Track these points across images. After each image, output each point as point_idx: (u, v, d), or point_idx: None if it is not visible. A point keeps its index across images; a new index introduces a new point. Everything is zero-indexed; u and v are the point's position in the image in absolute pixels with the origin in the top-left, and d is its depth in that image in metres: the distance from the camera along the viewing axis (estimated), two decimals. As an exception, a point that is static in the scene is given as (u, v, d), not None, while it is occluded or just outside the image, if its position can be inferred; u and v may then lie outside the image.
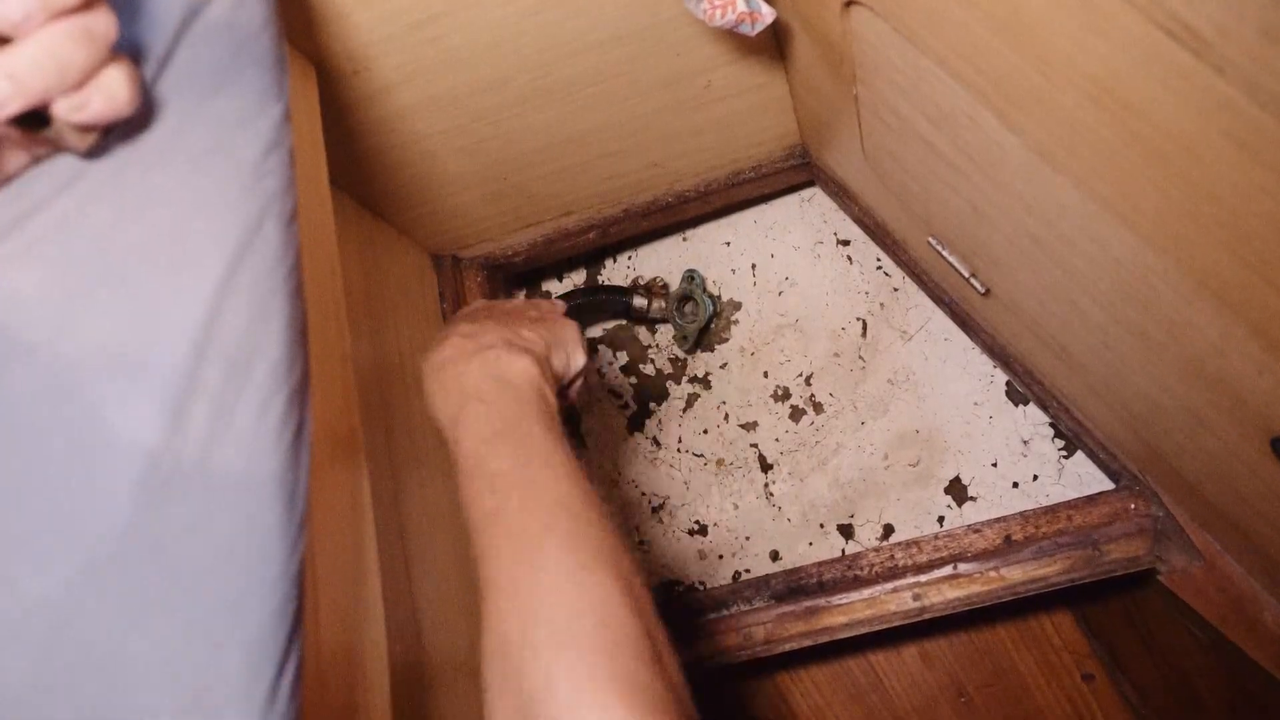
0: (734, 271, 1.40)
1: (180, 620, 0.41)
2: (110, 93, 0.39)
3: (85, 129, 0.41)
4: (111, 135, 0.44)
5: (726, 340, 1.40)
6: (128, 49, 0.43)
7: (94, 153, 0.43)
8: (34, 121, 0.39)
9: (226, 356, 0.44)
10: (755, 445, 1.36)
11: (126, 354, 0.42)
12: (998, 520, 1.02)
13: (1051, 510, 1.01)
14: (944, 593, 0.99)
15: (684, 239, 1.42)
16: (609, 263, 1.46)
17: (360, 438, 0.68)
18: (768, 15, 0.73)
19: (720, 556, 1.34)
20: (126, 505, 0.41)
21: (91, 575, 0.40)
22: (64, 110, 0.39)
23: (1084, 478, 1.20)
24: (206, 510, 0.43)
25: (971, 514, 1.25)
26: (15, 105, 0.37)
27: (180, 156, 0.46)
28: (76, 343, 0.42)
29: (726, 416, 1.38)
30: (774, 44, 0.93)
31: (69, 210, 0.43)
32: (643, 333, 1.44)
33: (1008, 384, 1.26)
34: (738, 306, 1.39)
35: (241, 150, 0.48)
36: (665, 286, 1.41)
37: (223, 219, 0.46)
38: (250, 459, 0.44)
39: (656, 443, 1.40)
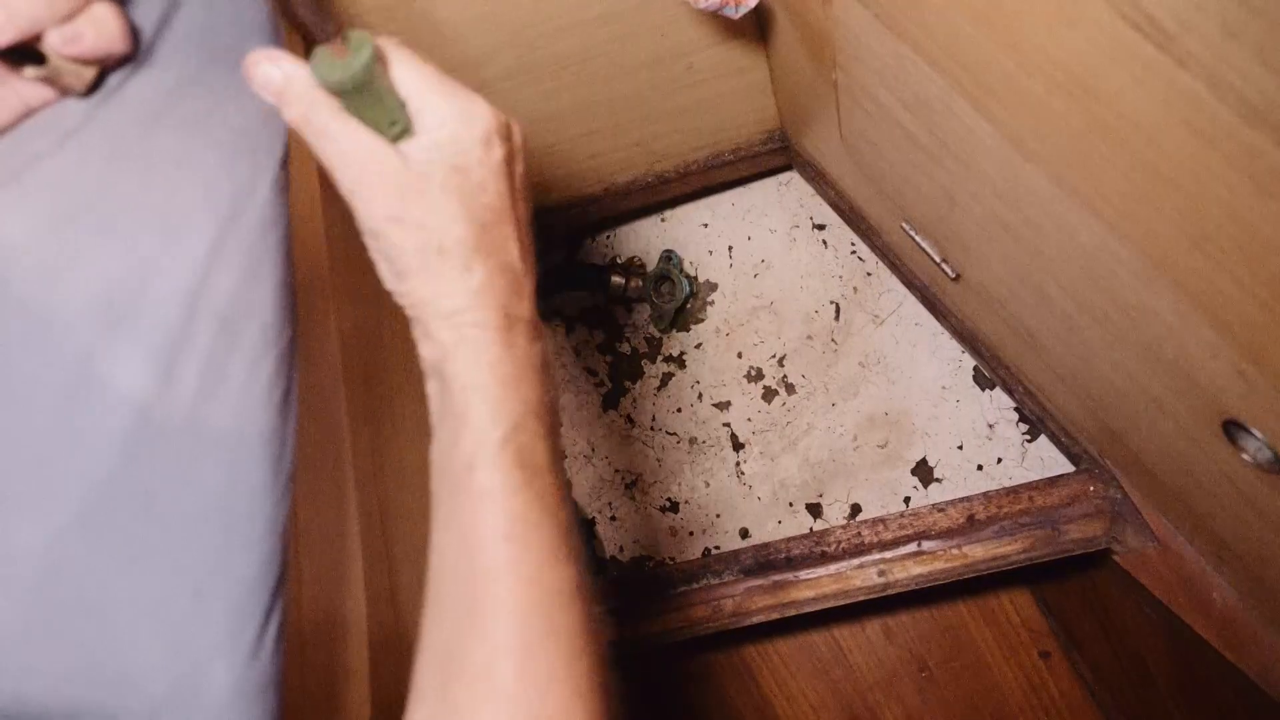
0: (711, 253, 1.42)
1: (167, 571, 0.42)
2: (101, 25, 0.41)
3: (81, 63, 0.42)
4: (110, 93, 0.44)
5: (702, 321, 1.41)
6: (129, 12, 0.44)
7: (91, 92, 0.44)
8: (31, 58, 0.40)
9: (218, 315, 0.45)
10: (728, 425, 1.39)
11: (118, 307, 0.43)
12: (962, 500, 1.04)
13: (1013, 491, 1.04)
14: (908, 569, 1.02)
15: (662, 220, 1.44)
16: (588, 241, 1.47)
17: (343, 404, 0.69)
18: (751, -1, 0.75)
19: (691, 533, 1.36)
20: (117, 457, 0.42)
21: (81, 524, 0.41)
22: (58, 42, 0.40)
23: (1046, 461, 1.23)
24: (195, 465, 0.44)
25: (937, 495, 1.28)
26: (7, 34, 0.38)
27: (177, 118, 0.47)
28: (67, 295, 0.42)
29: (700, 396, 1.40)
30: (756, 28, 0.94)
31: (65, 164, 0.43)
32: (619, 311, 1.45)
33: (975, 369, 1.28)
34: (714, 287, 1.41)
35: (236, 116, 0.49)
36: (643, 266, 1.43)
37: (216, 181, 0.47)
38: (239, 417, 0.45)
39: (630, 420, 1.42)
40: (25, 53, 0.40)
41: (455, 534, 0.46)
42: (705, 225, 1.42)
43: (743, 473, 1.37)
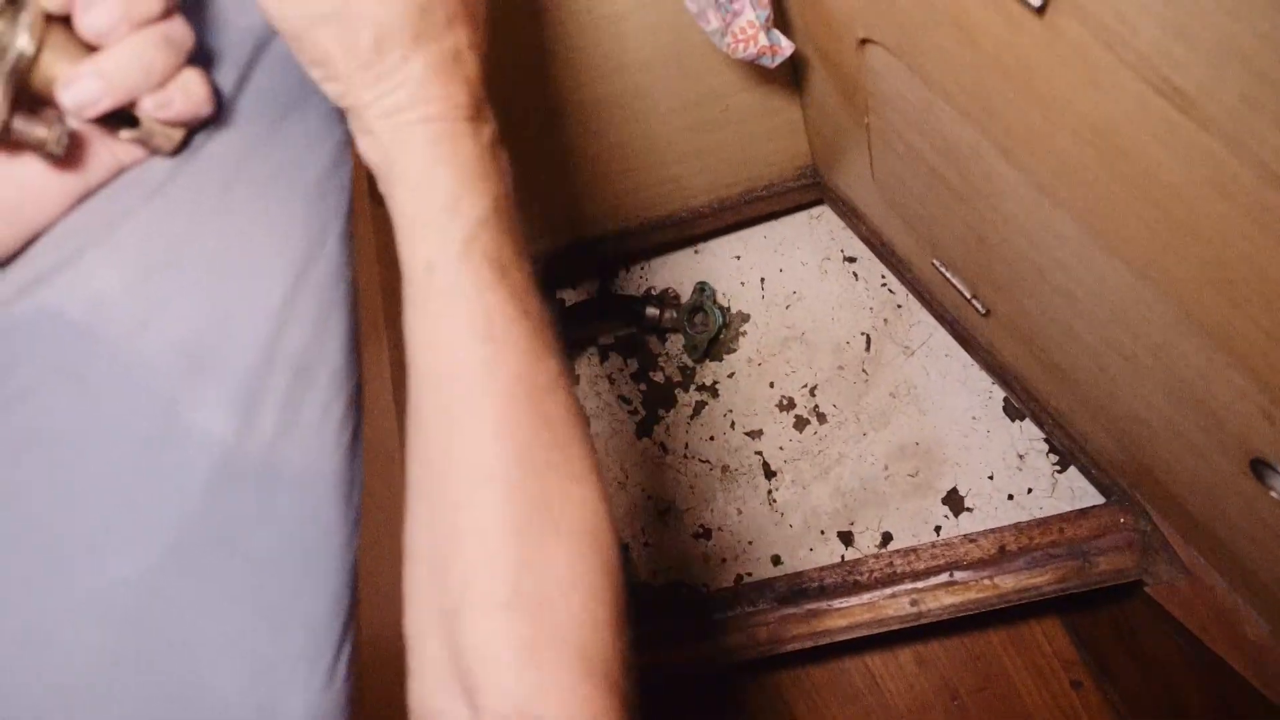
0: (743, 284, 1.44)
1: (248, 604, 0.45)
2: (189, 91, 0.44)
3: (170, 126, 0.45)
4: (192, 152, 0.48)
5: (734, 351, 1.44)
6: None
7: (178, 152, 0.47)
8: (125, 121, 0.43)
9: (292, 362, 0.48)
10: (760, 453, 1.41)
11: (202, 355, 0.46)
12: (993, 531, 1.06)
13: (1044, 522, 1.05)
14: (940, 599, 1.04)
15: (696, 252, 1.47)
16: (622, 272, 1.50)
17: (397, 435, 0.72)
18: (787, 49, 0.77)
19: (723, 560, 1.38)
20: (201, 497, 0.44)
21: (170, 560, 0.43)
22: (150, 107, 0.43)
23: (1076, 492, 1.24)
24: (273, 504, 0.46)
25: (967, 524, 1.29)
26: (107, 102, 0.41)
27: (253, 175, 0.50)
28: (155, 343, 0.45)
29: (732, 424, 1.42)
30: (790, 72, 0.97)
31: (151, 219, 0.46)
32: (653, 341, 1.48)
33: (1005, 400, 1.30)
34: (746, 318, 1.44)
35: (307, 170, 0.52)
36: (676, 297, 1.45)
37: (290, 233, 0.50)
38: (313, 457, 0.48)
39: (664, 448, 1.45)
40: (121, 116, 0.43)
41: (426, 340, 0.45)
42: (738, 257, 1.45)
43: (775, 500, 1.39)
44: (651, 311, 1.40)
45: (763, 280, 1.43)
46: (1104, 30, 0.44)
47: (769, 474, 1.40)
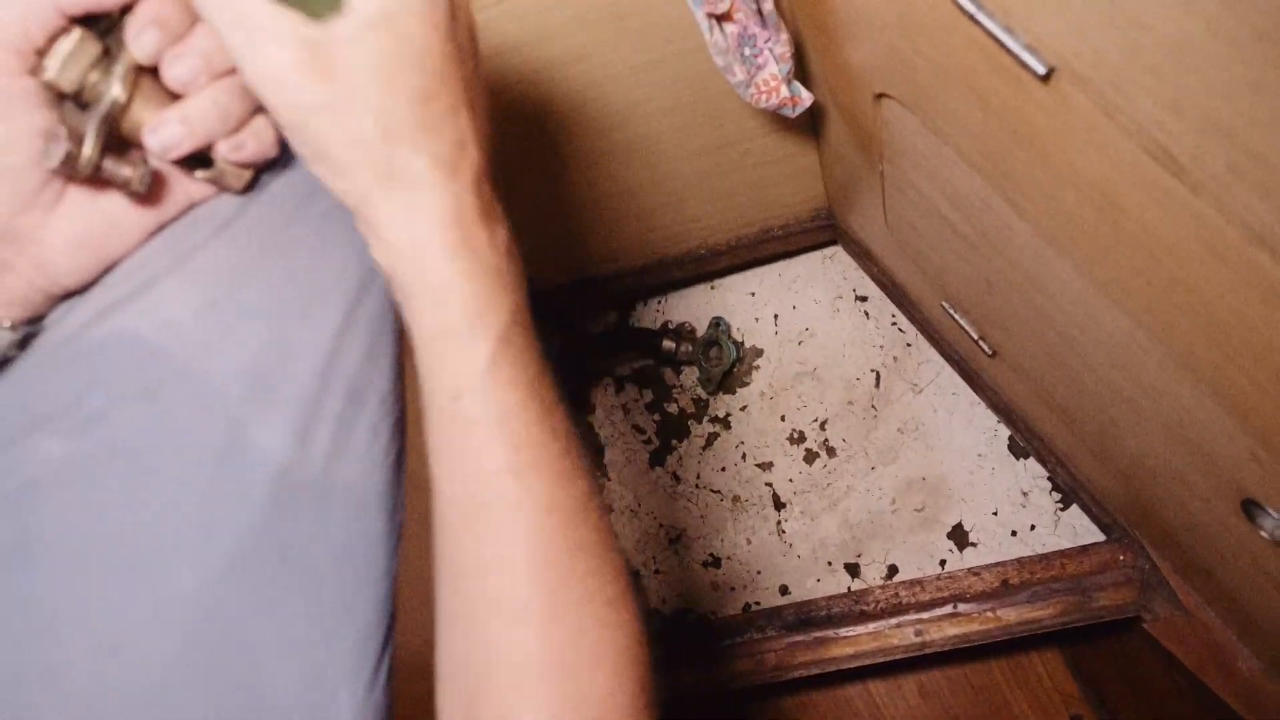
0: (757, 320, 1.48)
1: (302, 613, 0.48)
2: (260, 135, 0.48)
3: (241, 167, 0.49)
4: (258, 191, 0.51)
5: (747, 384, 1.48)
6: None
7: (246, 190, 0.51)
8: (200, 162, 0.48)
9: (345, 386, 0.51)
10: (770, 484, 1.44)
11: (265, 379, 0.49)
12: (996, 565, 1.08)
13: (1046, 558, 1.08)
14: (944, 630, 1.06)
15: (712, 288, 1.51)
16: (641, 306, 1.54)
17: (422, 459, 0.75)
18: (807, 100, 0.82)
19: (732, 588, 1.41)
20: (261, 512, 0.47)
21: (231, 571, 0.46)
22: (225, 150, 0.47)
23: (1078, 529, 1.27)
24: (326, 519, 0.49)
25: (972, 559, 1.32)
26: (188, 144, 0.45)
27: (312, 212, 0.53)
28: (222, 367, 0.48)
29: (744, 456, 1.46)
30: (809, 121, 1.02)
31: (220, 252, 0.50)
32: (669, 374, 1.52)
33: (1010, 438, 1.33)
34: (759, 353, 1.48)
35: None
36: (692, 331, 1.49)
37: (345, 266, 0.53)
38: (362, 476, 0.51)
39: (676, 478, 1.48)
40: (197, 158, 0.47)
41: (453, 470, 0.44)
42: (753, 294, 1.49)
43: (783, 531, 1.42)
44: (668, 344, 1.44)
45: (776, 317, 1.47)
46: (1103, 99, 0.47)
47: (778, 505, 1.43)
